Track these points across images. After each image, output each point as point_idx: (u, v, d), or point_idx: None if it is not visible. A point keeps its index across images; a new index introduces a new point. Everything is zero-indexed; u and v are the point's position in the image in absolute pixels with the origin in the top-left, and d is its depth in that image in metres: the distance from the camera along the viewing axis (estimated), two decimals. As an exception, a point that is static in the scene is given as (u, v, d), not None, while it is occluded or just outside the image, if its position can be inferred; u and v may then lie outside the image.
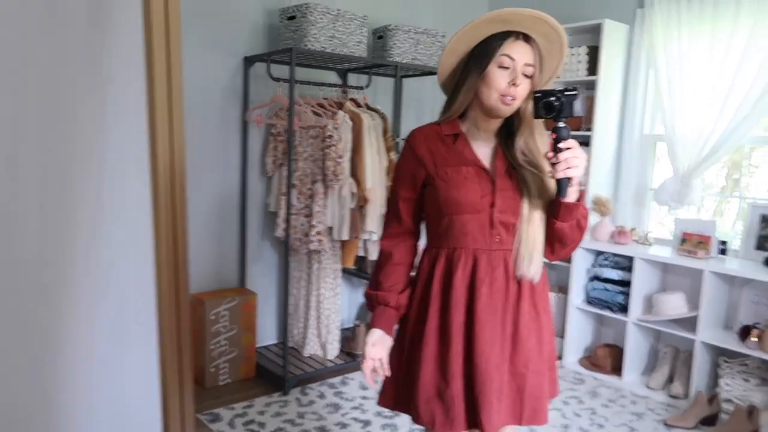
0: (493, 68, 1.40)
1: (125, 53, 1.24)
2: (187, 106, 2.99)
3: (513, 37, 1.40)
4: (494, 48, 1.40)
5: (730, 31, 3.01)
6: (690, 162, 3.18)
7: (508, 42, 1.39)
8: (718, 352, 3.08)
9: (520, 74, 1.40)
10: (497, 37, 1.40)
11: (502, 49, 1.39)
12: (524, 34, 1.42)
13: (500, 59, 1.39)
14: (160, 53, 1.16)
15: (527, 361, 1.48)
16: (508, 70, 1.40)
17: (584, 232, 1.46)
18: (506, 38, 1.40)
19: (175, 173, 1.23)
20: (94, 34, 1.22)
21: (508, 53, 1.39)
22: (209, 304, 3.00)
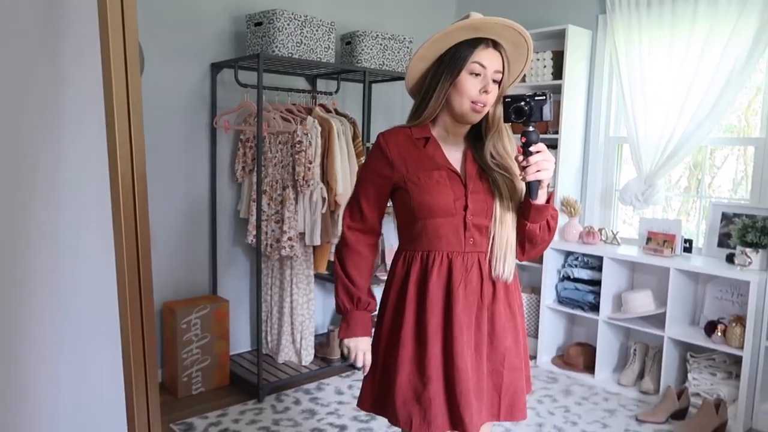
0: (464, 75, 1.43)
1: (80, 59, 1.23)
2: (155, 112, 2.99)
3: (483, 44, 1.43)
4: (466, 55, 1.42)
5: (688, 36, 3.10)
6: (653, 163, 3.26)
7: (479, 49, 1.42)
8: (686, 347, 3.14)
9: (491, 81, 1.43)
10: (468, 44, 1.43)
11: (474, 56, 1.42)
12: (493, 40, 1.45)
13: (471, 66, 1.42)
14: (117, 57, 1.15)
15: (503, 359, 1.51)
16: (479, 77, 1.43)
17: (554, 232, 1.50)
18: (477, 45, 1.42)
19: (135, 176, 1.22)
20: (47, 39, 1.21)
21: (479, 61, 1.42)
22: (180, 312, 2.97)
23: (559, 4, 3.73)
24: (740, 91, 3.03)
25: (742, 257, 2.86)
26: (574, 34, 3.44)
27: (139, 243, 1.27)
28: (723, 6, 2.97)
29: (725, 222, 3.12)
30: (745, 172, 3.24)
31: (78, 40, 1.23)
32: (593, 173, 3.65)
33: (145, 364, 1.29)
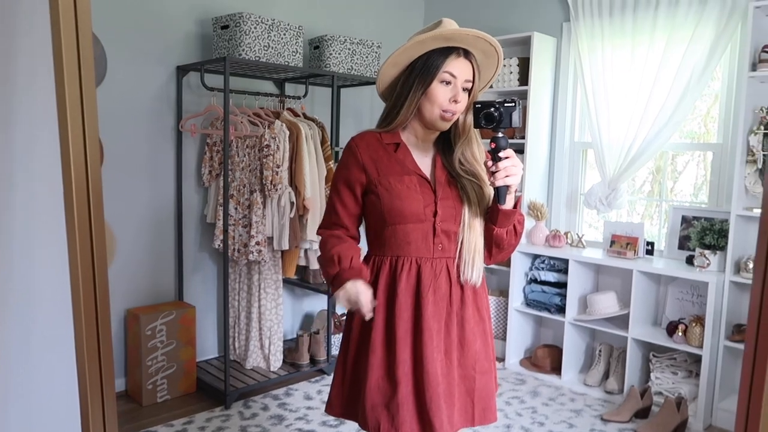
0: (435, 84, 1.44)
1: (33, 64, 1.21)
2: (119, 115, 2.94)
3: (455, 53, 1.45)
4: (437, 64, 1.44)
5: (648, 44, 3.19)
6: (616, 168, 3.33)
7: (450, 59, 1.44)
8: (649, 347, 3.22)
9: (461, 90, 1.45)
10: (439, 53, 1.45)
11: (445, 66, 1.44)
12: (465, 49, 1.47)
13: (443, 75, 1.44)
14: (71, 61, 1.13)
15: (474, 363, 1.52)
16: (449, 85, 1.45)
17: (520, 237, 1.52)
18: (449, 55, 1.45)
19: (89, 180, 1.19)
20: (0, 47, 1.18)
21: (450, 70, 1.44)
22: (145, 318, 2.92)
23: (524, 12, 3.79)
24: (699, 98, 3.12)
25: (701, 259, 2.94)
26: (540, 41, 3.50)
27: (95, 248, 1.25)
28: (681, 16, 3.06)
29: (685, 225, 3.20)
30: (705, 176, 3.33)
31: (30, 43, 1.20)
32: (559, 177, 3.71)
33: (101, 372, 1.26)
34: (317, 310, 3.88)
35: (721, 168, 3.11)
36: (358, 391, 1.54)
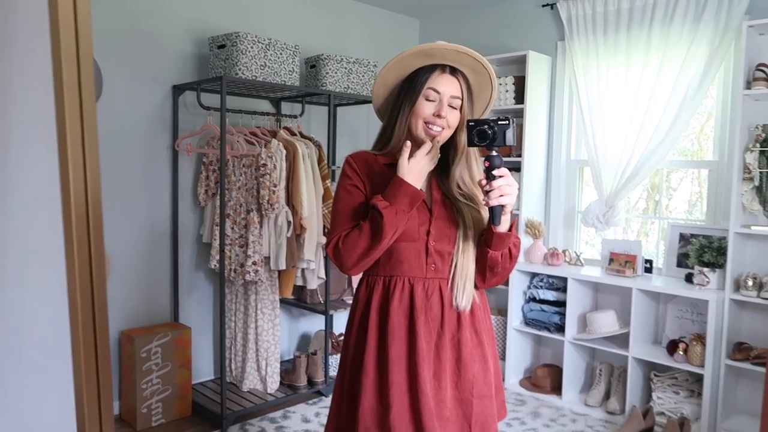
0: (420, 100, 1.44)
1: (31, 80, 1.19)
2: (115, 135, 2.92)
3: (439, 70, 1.46)
4: (421, 82, 1.45)
5: (642, 62, 3.21)
6: (613, 185, 3.33)
7: (434, 75, 1.45)
8: (650, 366, 3.19)
9: (446, 105, 1.44)
10: (425, 71, 1.46)
11: (429, 82, 1.44)
12: (451, 66, 1.47)
13: (426, 92, 1.44)
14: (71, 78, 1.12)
15: (472, 387, 1.48)
16: (434, 102, 1.44)
17: (515, 261, 1.49)
18: (433, 71, 1.45)
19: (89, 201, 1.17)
20: None
21: (433, 86, 1.44)
22: (139, 340, 2.86)
23: (519, 31, 3.82)
24: (693, 116, 3.13)
25: (700, 277, 2.93)
26: (535, 60, 3.52)
27: (93, 270, 1.22)
28: (675, 34, 3.09)
29: (683, 242, 3.20)
30: (700, 194, 3.34)
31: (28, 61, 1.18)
32: (556, 195, 3.71)
33: (99, 397, 1.23)
34: (314, 330, 3.83)
35: (718, 185, 3.12)
36: (352, 413, 1.50)
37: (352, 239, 1.43)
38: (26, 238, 1.25)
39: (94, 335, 1.22)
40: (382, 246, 1.41)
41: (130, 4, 2.96)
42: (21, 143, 1.20)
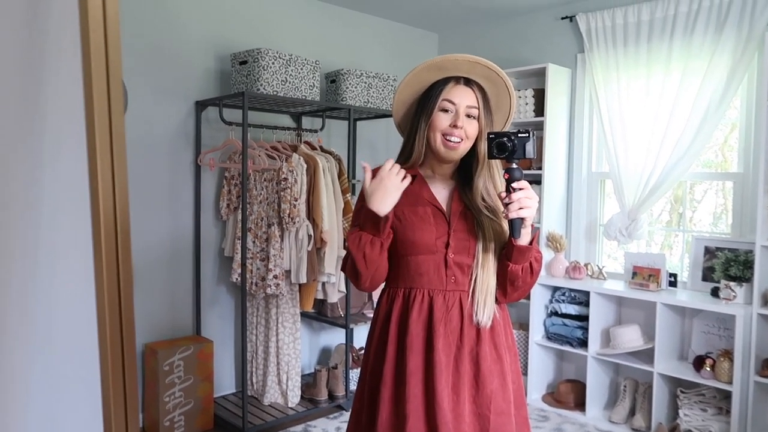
0: (436, 113, 1.46)
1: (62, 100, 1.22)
2: (139, 150, 2.97)
3: (453, 81, 1.47)
4: (436, 95, 1.46)
5: (664, 74, 3.19)
6: (635, 198, 3.29)
7: (448, 87, 1.46)
8: (676, 383, 3.12)
9: (462, 116, 1.45)
10: (440, 84, 1.47)
11: (443, 94, 1.46)
12: (466, 78, 1.48)
13: (442, 104, 1.45)
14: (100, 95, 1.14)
15: (489, 403, 1.46)
16: (450, 113, 1.45)
17: (537, 275, 1.47)
18: (447, 84, 1.46)
19: (117, 216, 1.19)
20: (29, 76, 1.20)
21: (448, 98, 1.45)
22: (162, 353, 2.89)
23: (539, 44, 3.82)
24: (716, 128, 3.09)
25: (726, 291, 2.87)
26: (555, 72, 3.52)
27: (121, 284, 1.24)
28: (697, 45, 3.06)
29: (708, 256, 3.14)
30: (725, 206, 3.29)
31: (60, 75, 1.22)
32: (577, 208, 3.68)
33: (126, 410, 1.24)
34: (335, 344, 3.83)
35: (743, 197, 3.07)
36: (371, 426, 1.50)
37: (345, 265, 1.49)
38: (56, 250, 1.27)
39: (122, 348, 1.24)
40: (364, 271, 1.43)
41: (154, 22, 3.02)
42: (52, 159, 1.24)
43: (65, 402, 1.31)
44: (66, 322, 1.29)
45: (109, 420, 1.19)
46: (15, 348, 1.22)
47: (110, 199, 1.21)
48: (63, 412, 1.30)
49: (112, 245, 1.21)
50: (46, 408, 1.30)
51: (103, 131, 1.19)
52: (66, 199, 1.26)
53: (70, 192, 1.26)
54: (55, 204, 1.23)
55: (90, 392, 1.26)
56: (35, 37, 1.19)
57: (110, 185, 1.21)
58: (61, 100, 1.21)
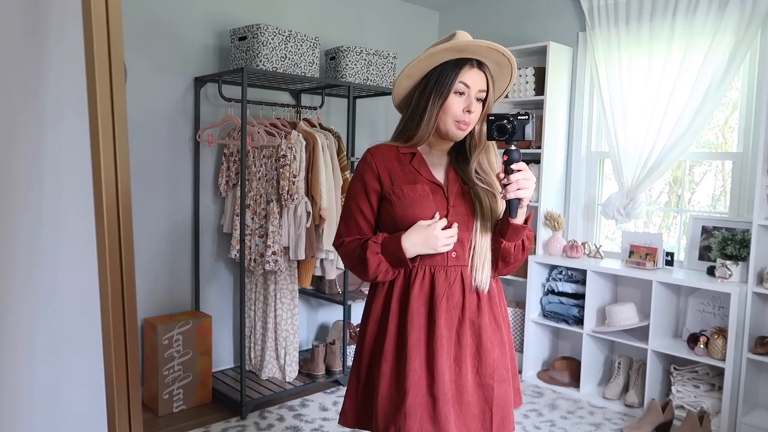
0: (451, 96, 1.46)
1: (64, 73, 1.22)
2: (138, 126, 2.96)
3: (469, 64, 1.46)
4: (452, 77, 1.45)
5: (665, 53, 3.17)
6: (634, 177, 3.30)
7: (464, 70, 1.45)
8: (670, 360, 3.16)
9: (474, 100, 1.46)
10: (453, 64, 1.46)
11: (460, 76, 1.45)
12: (478, 60, 1.48)
13: (458, 86, 1.45)
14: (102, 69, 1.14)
15: (493, 372, 1.51)
16: (463, 96, 1.46)
17: (527, 252, 1.53)
18: (462, 66, 1.46)
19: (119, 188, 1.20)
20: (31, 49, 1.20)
21: (464, 81, 1.46)
22: (162, 328, 2.92)
23: (540, 22, 3.79)
24: (717, 108, 3.09)
25: (722, 269, 2.90)
26: (556, 51, 3.50)
27: (123, 258, 1.25)
28: (699, 24, 3.04)
29: (705, 235, 3.16)
30: (723, 187, 3.30)
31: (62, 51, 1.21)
32: (576, 187, 3.68)
33: (128, 381, 1.26)
34: (333, 320, 3.87)
35: (742, 177, 3.08)
36: (371, 400, 1.53)
37: (348, 253, 1.52)
38: (59, 226, 1.28)
39: (123, 322, 1.25)
40: (367, 278, 1.50)
41: (153, -4, 2.99)
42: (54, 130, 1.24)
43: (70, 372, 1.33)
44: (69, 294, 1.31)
45: (111, 389, 1.21)
46: (20, 317, 1.24)
47: (112, 174, 1.21)
48: (68, 382, 1.33)
49: (113, 218, 1.22)
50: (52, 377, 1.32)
51: (105, 107, 1.19)
52: (68, 171, 1.27)
53: (73, 164, 1.26)
54: (57, 177, 1.24)
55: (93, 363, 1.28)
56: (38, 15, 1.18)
57: (112, 160, 1.22)
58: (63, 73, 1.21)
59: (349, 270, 1.54)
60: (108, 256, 1.22)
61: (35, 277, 1.25)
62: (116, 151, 1.23)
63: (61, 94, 1.22)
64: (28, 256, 1.23)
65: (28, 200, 1.23)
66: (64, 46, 1.19)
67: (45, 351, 1.27)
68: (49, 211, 1.24)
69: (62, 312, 1.27)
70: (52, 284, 1.26)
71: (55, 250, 1.25)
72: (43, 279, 1.26)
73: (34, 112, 1.21)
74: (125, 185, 1.22)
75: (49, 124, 1.22)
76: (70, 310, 1.28)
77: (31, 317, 1.24)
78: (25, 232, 1.22)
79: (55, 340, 1.28)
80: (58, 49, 1.20)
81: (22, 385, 1.25)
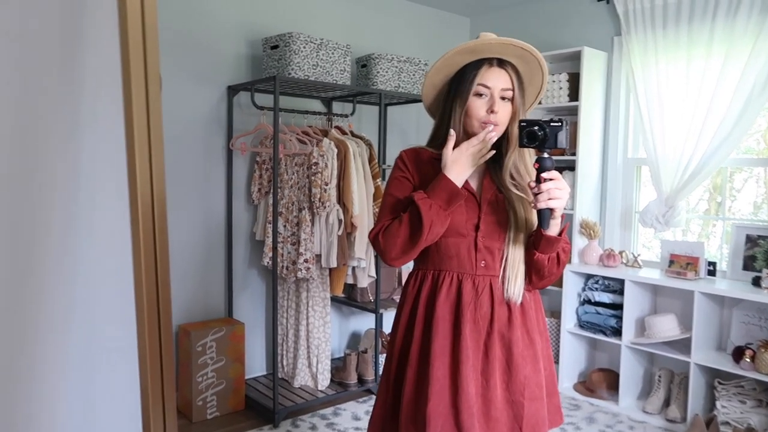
0: (472, 98, 1.43)
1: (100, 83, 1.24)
2: (172, 135, 3.00)
3: (487, 64, 1.43)
4: (470, 78, 1.43)
5: (705, 57, 3.08)
6: (673, 184, 3.20)
7: (482, 70, 1.42)
8: (713, 373, 3.05)
9: (498, 99, 1.42)
10: (472, 66, 1.44)
11: (477, 78, 1.42)
12: (499, 58, 1.44)
13: (477, 89, 1.42)
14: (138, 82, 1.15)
15: (523, 389, 1.46)
16: (485, 97, 1.42)
17: (563, 266, 1.46)
18: (480, 66, 1.43)
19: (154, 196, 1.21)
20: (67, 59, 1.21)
21: (482, 82, 1.42)
22: (195, 334, 2.94)
23: (574, 27, 3.73)
24: (759, 113, 2.98)
25: (769, 280, 2.78)
26: (590, 56, 3.43)
27: (158, 267, 1.25)
28: (740, 27, 2.94)
29: (750, 244, 3.04)
30: (766, 195, 3.17)
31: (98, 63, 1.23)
32: (612, 195, 3.60)
33: (163, 389, 1.26)
34: (365, 328, 3.85)
35: (789, 184, 2.96)
36: (398, 407, 1.50)
37: (393, 230, 1.43)
38: (95, 233, 1.29)
39: (159, 327, 1.25)
40: (421, 240, 1.39)
41: (187, 9, 3.04)
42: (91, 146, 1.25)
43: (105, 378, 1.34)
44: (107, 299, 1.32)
45: (146, 395, 1.21)
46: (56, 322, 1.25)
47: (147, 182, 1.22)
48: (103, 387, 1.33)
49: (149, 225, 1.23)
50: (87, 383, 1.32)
51: (140, 116, 1.20)
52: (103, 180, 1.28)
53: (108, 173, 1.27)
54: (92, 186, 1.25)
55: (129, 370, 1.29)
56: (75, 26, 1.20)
57: (147, 168, 1.22)
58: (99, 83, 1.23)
59: (395, 247, 1.42)
60: (144, 265, 1.22)
61: (70, 287, 1.26)
62: (152, 160, 1.23)
63: (98, 104, 1.23)
64: (63, 266, 1.25)
65: (65, 210, 1.24)
66: (100, 57, 1.20)
67: (80, 360, 1.28)
68: (83, 220, 1.26)
69: (100, 323, 1.28)
70: (88, 289, 1.27)
71: (91, 260, 1.26)
72: (78, 289, 1.27)
73: (70, 122, 1.23)
74: (160, 193, 1.22)
75: (84, 133, 1.23)
76: (105, 320, 1.28)
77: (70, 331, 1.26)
78: (61, 240, 1.24)
79: (90, 350, 1.28)
80: (94, 60, 1.21)
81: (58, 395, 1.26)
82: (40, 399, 1.25)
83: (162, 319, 1.25)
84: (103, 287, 1.29)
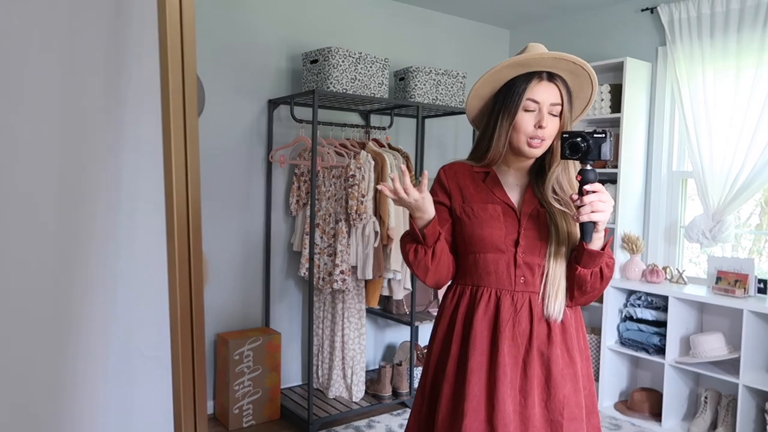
0: (520, 113, 1.40)
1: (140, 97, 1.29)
2: (213, 147, 3.09)
3: (537, 78, 1.40)
4: (519, 93, 1.40)
5: (755, 66, 2.97)
6: (721, 199, 3.09)
7: (531, 85, 1.40)
8: (764, 396, 2.91)
9: (546, 115, 1.40)
10: (521, 80, 1.41)
11: (527, 93, 1.40)
12: (548, 72, 1.42)
13: (525, 104, 1.40)
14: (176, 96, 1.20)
15: (562, 408, 1.42)
16: (533, 112, 1.40)
17: (607, 282, 1.42)
18: (530, 80, 1.40)
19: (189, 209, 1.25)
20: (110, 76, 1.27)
21: (532, 97, 1.40)
22: (233, 343, 2.99)
23: (616, 37, 3.66)
24: (816, 123, 2.85)
25: (824, 300, 2.65)
26: (633, 67, 3.36)
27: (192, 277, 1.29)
28: (794, 34, 2.83)
29: (804, 261, 2.90)
30: (824, 209, 3.03)
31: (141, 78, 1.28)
32: (656, 209, 3.50)
33: (195, 396, 1.29)
34: (400, 341, 3.84)
35: None
36: (433, 422, 1.49)
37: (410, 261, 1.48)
38: (134, 244, 1.34)
39: (192, 336, 1.29)
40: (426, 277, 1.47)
41: (229, 24, 3.13)
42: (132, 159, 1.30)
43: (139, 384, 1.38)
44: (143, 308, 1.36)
45: (178, 401, 1.24)
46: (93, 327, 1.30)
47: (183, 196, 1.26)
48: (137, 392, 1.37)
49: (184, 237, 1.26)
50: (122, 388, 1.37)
51: (178, 130, 1.24)
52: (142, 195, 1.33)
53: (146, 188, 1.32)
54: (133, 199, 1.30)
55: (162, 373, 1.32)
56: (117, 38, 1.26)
57: (183, 181, 1.26)
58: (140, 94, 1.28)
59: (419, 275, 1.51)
60: (178, 277, 1.26)
61: (111, 296, 1.31)
62: (188, 176, 1.27)
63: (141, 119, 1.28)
64: (104, 276, 1.30)
65: (106, 221, 1.29)
66: (143, 73, 1.25)
67: (118, 367, 1.32)
68: (123, 231, 1.31)
69: (136, 329, 1.33)
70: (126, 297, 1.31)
71: (129, 271, 1.31)
72: (118, 298, 1.31)
73: (114, 137, 1.28)
74: (196, 209, 1.26)
75: (125, 149, 1.29)
76: (142, 328, 1.33)
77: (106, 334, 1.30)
78: (102, 251, 1.29)
79: (128, 357, 1.33)
80: (138, 76, 1.26)
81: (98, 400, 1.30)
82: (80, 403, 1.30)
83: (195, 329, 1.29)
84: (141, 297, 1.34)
